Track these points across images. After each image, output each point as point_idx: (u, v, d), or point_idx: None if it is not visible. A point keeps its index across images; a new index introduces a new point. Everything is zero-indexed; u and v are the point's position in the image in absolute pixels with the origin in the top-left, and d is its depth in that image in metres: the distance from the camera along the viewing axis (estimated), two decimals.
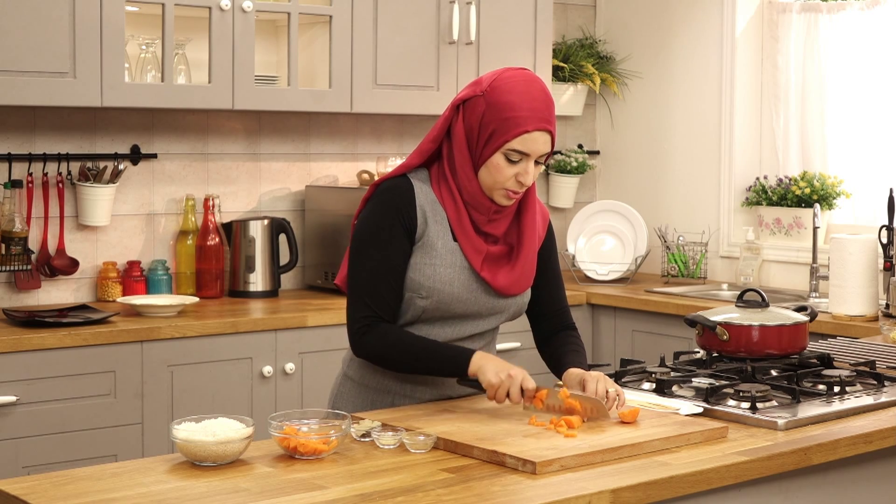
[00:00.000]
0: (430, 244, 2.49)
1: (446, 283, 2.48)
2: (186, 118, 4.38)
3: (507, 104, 2.41)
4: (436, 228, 2.49)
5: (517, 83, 2.44)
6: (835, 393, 2.65)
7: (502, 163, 2.43)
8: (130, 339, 3.67)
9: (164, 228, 4.36)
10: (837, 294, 3.97)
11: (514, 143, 2.41)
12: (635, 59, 5.33)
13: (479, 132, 2.44)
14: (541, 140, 2.43)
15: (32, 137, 4.08)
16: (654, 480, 2.06)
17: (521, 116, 2.41)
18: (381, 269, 2.46)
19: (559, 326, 2.71)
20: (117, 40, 3.83)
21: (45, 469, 3.35)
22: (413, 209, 2.47)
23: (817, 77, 4.82)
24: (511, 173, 2.44)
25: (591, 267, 4.97)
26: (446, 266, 2.49)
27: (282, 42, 4.41)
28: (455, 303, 2.50)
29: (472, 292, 2.51)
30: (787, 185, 4.79)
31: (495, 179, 2.45)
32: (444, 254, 2.49)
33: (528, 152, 2.43)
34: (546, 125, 2.43)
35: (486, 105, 2.43)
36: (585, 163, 5.29)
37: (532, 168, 2.45)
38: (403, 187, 2.49)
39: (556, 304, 2.70)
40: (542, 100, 2.44)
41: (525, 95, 2.42)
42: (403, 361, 2.48)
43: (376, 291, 2.46)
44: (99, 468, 2.09)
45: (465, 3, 4.55)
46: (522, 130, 2.40)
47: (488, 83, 2.45)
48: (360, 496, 1.93)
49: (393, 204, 2.47)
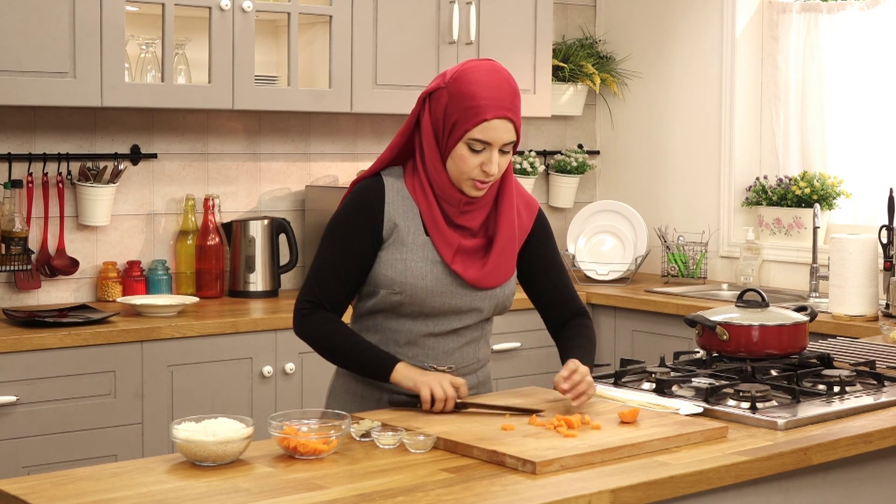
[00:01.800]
0: (400, 240, 2.51)
1: (418, 276, 2.50)
2: (186, 118, 4.38)
3: (468, 94, 2.43)
4: (406, 224, 2.51)
5: (479, 73, 2.46)
6: (835, 393, 2.65)
7: (466, 153, 2.44)
8: (130, 339, 3.67)
9: (164, 228, 4.36)
10: (837, 294, 3.97)
11: (474, 132, 2.43)
12: (635, 59, 5.33)
13: (444, 123, 2.46)
14: (501, 128, 2.43)
15: (32, 137, 4.08)
16: (654, 480, 2.06)
17: (481, 105, 2.42)
18: (335, 262, 2.52)
19: (568, 314, 2.71)
20: (117, 40, 3.83)
21: (45, 469, 3.35)
22: (381, 208, 2.51)
23: (817, 77, 4.82)
24: (475, 163, 2.45)
25: (591, 267, 4.97)
26: (417, 260, 2.50)
27: (282, 42, 4.41)
28: (429, 297, 2.51)
29: (446, 286, 2.52)
30: (787, 185, 4.79)
31: (461, 170, 2.46)
32: (414, 248, 2.51)
33: (489, 141, 2.43)
34: (506, 113, 2.43)
35: (449, 96, 2.45)
36: (585, 163, 5.29)
37: (496, 157, 2.45)
38: (374, 187, 2.53)
39: (561, 292, 2.70)
40: (504, 88, 2.45)
41: (486, 85, 2.44)
42: (333, 352, 2.54)
43: (324, 281, 2.52)
44: (99, 468, 2.09)
45: (465, 3, 4.55)
46: (482, 119, 2.42)
47: (451, 74, 2.48)
48: (360, 496, 1.93)
49: (360, 203, 2.52)
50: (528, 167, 5.09)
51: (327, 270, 2.53)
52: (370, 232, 2.51)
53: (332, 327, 2.53)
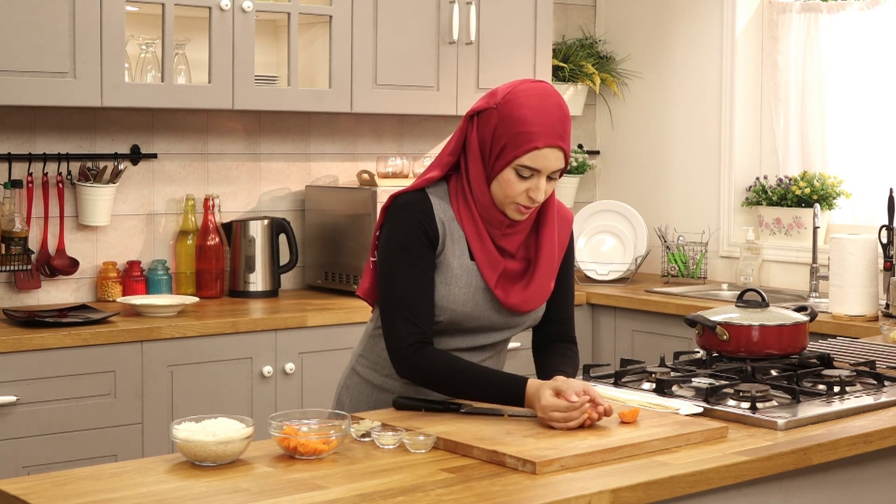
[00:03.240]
0: (446, 263, 2.47)
1: (460, 303, 2.48)
2: (186, 118, 4.38)
3: (520, 119, 2.37)
4: (452, 247, 2.48)
5: (531, 97, 2.40)
6: (835, 393, 2.65)
7: (513, 178, 2.40)
8: (130, 339, 3.67)
9: (164, 228, 4.36)
10: (837, 294, 3.97)
11: (524, 160, 2.38)
12: (635, 59, 5.33)
13: (492, 145, 2.41)
14: (552, 157, 2.39)
15: (32, 137, 4.08)
16: (654, 480, 2.06)
17: (533, 132, 2.36)
18: (418, 284, 2.44)
19: (559, 336, 2.68)
20: (117, 40, 3.84)
21: (45, 469, 3.35)
22: (434, 223, 2.46)
23: (817, 77, 4.82)
24: (522, 189, 2.41)
25: (591, 267, 4.97)
26: (461, 287, 2.47)
27: (282, 42, 4.41)
28: (468, 321, 2.50)
29: (485, 311, 2.50)
30: (787, 185, 4.79)
31: (506, 194, 2.42)
32: (460, 274, 2.47)
33: (538, 168, 2.39)
34: (558, 142, 2.39)
35: (499, 118, 2.39)
36: (585, 163, 5.29)
37: (543, 184, 2.42)
38: (421, 202, 2.46)
39: (562, 312, 2.66)
40: (556, 115, 2.39)
41: (538, 110, 2.38)
42: (453, 388, 2.43)
43: (417, 308, 2.43)
44: (99, 468, 2.09)
45: (465, 3, 4.54)
46: (533, 147, 2.37)
47: (502, 95, 2.42)
48: (360, 496, 1.93)
49: (415, 219, 2.45)
50: None
51: (418, 296, 2.43)
52: (431, 246, 2.46)
53: (445, 364, 2.42)
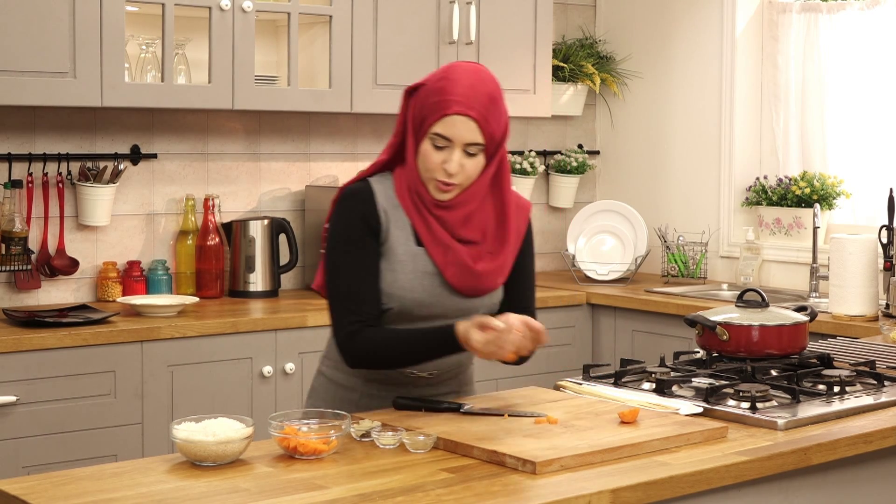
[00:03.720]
0: (391, 250, 2.45)
1: (407, 290, 2.45)
2: (186, 118, 4.38)
3: (441, 88, 2.38)
4: (397, 234, 2.46)
5: (460, 72, 2.41)
6: (835, 393, 2.65)
7: (429, 149, 2.39)
8: (130, 339, 3.67)
9: (164, 228, 4.36)
10: (837, 294, 3.97)
11: (437, 126, 2.37)
12: (635, 59, 5.33)
13: (415, 120, 2.42)
14: (462, 126, 2.37)
15: (32, 137, 4.08)
16: (654, 480, 2.06)
17: (448, 99, 2.36)
18: (359, 272, 2.44)
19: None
20: (117, 40, 3.84)
21: (45, 469, 3.35)
22: (375, 212, 2.45)
23: (817, 77, 4.82)
24: (438, 161, 2.39)
25: (591, 267, 4.97)
26: (407, 273, 2.45)
27: (282, 42, 4.41)
28: (418, 308, 2.47)
29: (435, 296, 2.48)
30: (787, 185, 4.79)
31: (425, 167, 2.41)
32: (405, 260, 2.45)
33: (450, 137, 2.37)
34: (470, 111, 2.36)
35: (427, 91, 2.41)
36: (585, 163, 5.29)
37: (457, 156, 2.38)
38: (364, 191, 2.46)
39: (521, 302, 2.59)
40: (478, 89, 2.38)
41: (460, 83, 2.38)
42: (396, 356, 2.45)
43: (358, 296, 2.43)
44: (99, 468, 2.09)
45: (465, 3, 4.55)
46: (443, 113, 2.36)
47: (437, 71, 2.45)
48: (360, 496, 1.93)
49: (356, 209, 2.45)
50: (528, 167, 5.09)
51: (358, 283, 2.44)
52: (373, 234, 2.45)
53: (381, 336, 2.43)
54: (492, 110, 2.40)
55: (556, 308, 4.58)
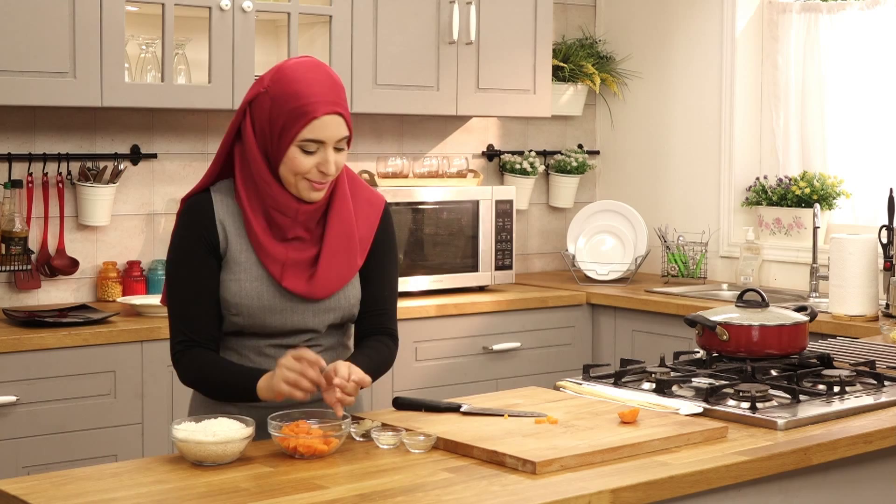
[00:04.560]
0: (233, 259, 2.39)
1: (254, 297, 2.39)
2: (186, 118, 4.38)
3: (292, 94, 2.32)
4: (238, 242, 2.40)
5: (298, 71, 2.36)
6: (835, 393, 2.65)
7: (299, 156, 2.33)
8: (130, 339, 3.67)
9: (164, 228, 4.36)
10: (837, 294, 3.97)
11: (305, 133, 2.31)
12: (635, 59, 5.33)
13: (270, 129, 2.34)
14: (333, 124, 2.33)
15: (32, 137, 4.08)
16: (654, 480, 2.06)
17: (309, 103, 2.31)
18: (192, 290, 2.38)
19: (375, 329, 2.52)
20: (117, 40, 3.84)
21: (45, 469, 3.35)
22: (213, 226, 2.38)
23: (817, 77, 4.82)
24: (311, 164, 2.33)
25: (591, 267, 4.97)
26: (252, 279, 2.39)
27: (282, 42, 4.41)
28: (268, 315, 2.40)
29: (284, 302, 2.40)
30: (787, 185, 4.79)
31: (296, 173, 2.34)
32: (248, 267, 2.39)
33: (322, 139, 2.33)
34: (335, 108, 2.33)
35: (271, 101, 2.34)
36: (585, 163, 5.29)
37: (332, 155, 2.34)
38: (202, 204, 2.40)
39: (377, 304, 2.51)
40: (327, 83, 2.35)
41: (308, 82, 2.34)
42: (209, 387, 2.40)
43: (189, 314, 2.38)
44: (99, 468, 2.09)
45: (465, 3, 4.54)
46: (311, 118, 2.31)
47: (270, 77, 2.37)
48: (360, 496, 1.93)
49: (193, 223, 2.39)
50: (527, 167, 5.09)
51: (189, 302, 2.37)
52: (210, 250, 2.38)
53: (199, 364, 2.37)
54: (345, 99, 2.38)
55: (556, 308, 4.58)
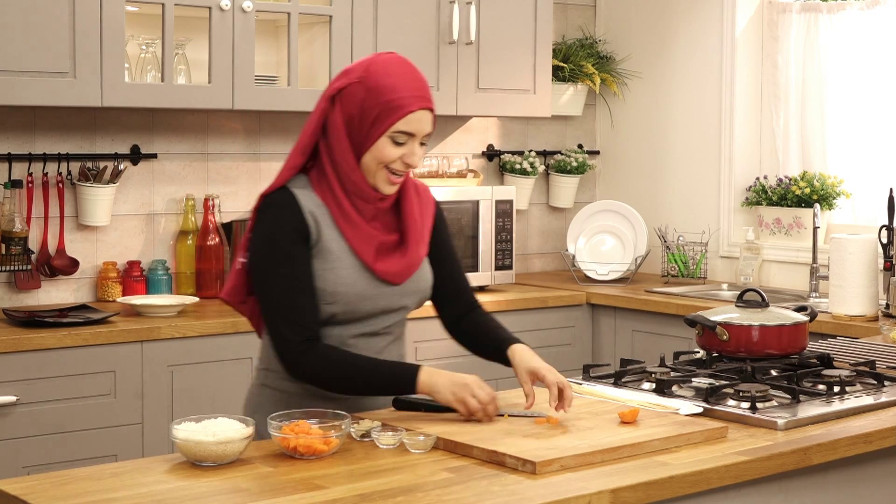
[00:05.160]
0: (325, 249, 2.44)
1: (349, 284, 2.44)
2: (186, 118, 4.38)
3: (388, 86, 2.42)
4: (328, 232, 2.45)
5: (393, 65, 2.46)
6: (835, 393, 2.65)
7: (389, 146, 2.43)
8: (130, 339, 3.67)
9: (164, 228, 4.36)
10: (837, 294, 3.97)
11: (399, 125, 2.42)
12: (635, 59, 5.33)
13: (362, 119, 2.43)
14: (425, 119, 2.45)
15: (32, 137, 4.08)
16: (654, 480, 2.06)
17: (405, 97, 2.42)
18: (294, 283, 2.41)
19: (466, 307, 2.66)
20: (117, 40, 3.84)
21: (45, 469, 3.35)
22: (302, 216, 2.44)
23: (817, 77, 4.82)
24: (397, 155, 2.43)
25: (591, 267, 4.97)
26: (346, 268, 2.45)
27: (282, 42, 4.41)
28: (361, 302, 2.47)
29: (375, 288, 2.48)
30: (787, 185, 4.79)
31: (380, 162, 2.43)
32: (341, 256, 2.45)
33: (413, 132, 2.43)
34: (427, 104, 2.45)
35: (366, 91, 2.43)
36: (585, 163, 5.29)
37: (417, 149, 2.45)
38: (286, 198, 2.45)
39: (457, 282, 2.65)
40: (420, 80, 2.46)
41: (403, 77, 2.44)
42: (347, 382, 2.43)
43: (297, 307, 2.41)
44: (99, 468, 2.09)
45: (465, 3, 4.55)
46: (408, 111, 2.41)
47: (362, 70, 2.46)
48: (360, 496, 1.93)
49: (282, 216, 2.43)
50: (528, 167, 5.09)
51: (297, 295, 2.41)
52: (303, 241, 2.43)
53: (335, 358, 2.42)
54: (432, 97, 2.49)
55: (556, 308, 4.58)
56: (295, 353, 2.41)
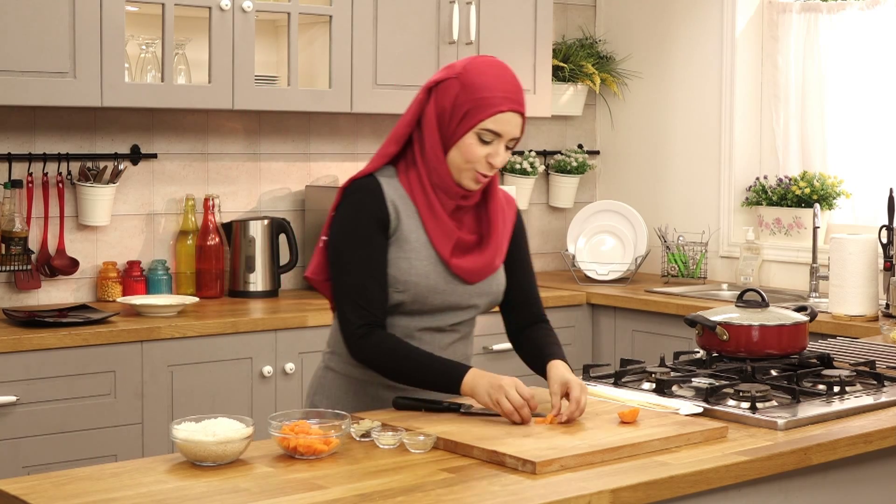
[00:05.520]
0: (403, 238, 2.50)
1: (422, 276, 2.49)
2: (186, 118, 4.38)
3: (482, 85, 2.46)
4: (408, 223, 2.50)
5: (491, 67, 2.50)
6: (835, 393, 2.65)
7: (474, 143, 2.46)
8: (130, 339, 3.67)
9: (164, 228, 4.36)
10: (837, 294, 3.97)
11: (487, 123, 2.45)
12: (635, 59, 5.33)
13: (452, 113, 2.47)
14: (514, 121, 2.47)
15: (32, 137, 4.08)
16: (654, 480, 2.06)
17: (496, 97, 2.45)
18: (366, 267, 2.47)
19: (532, 318, 2.70)
20: (117, 40, 3.84)
21: (45, 469, 3.35)
22: (384, 204, 2.49)
23: (817, 77, 4.82)
24: (482, 154, 2.47)
25: (591, 267, 4.97)
26: (421, 259, 2.49)
27: (282, 42, 4.41)
28: (432, 295, 2.51)
29: (448, 283, 2.52)
30: (787, 185, 4.79)
31: (466, 160, 2.47)
32: (418, 247, 2.50)
33: (500, 132, 2.46)
34: (519, 107, 2.48)
35: (461, 86, 2.47)
36: (585, 163, 5.29)
37: (503, 151, 2.48)
38: (372, 184, 2.51)
39: (527, 293, 2.69)
40: (515, 83, 2.50)
41: (499, 78, 2.47)
42: (397, 371, 2.47)
43: (367, 292, 2.46)
44: (99, 468, 2.09)
45: (465, 3, 4.55)
46: (497, 110, 2.45)
47: (462, 66, 2.50)
48: (360, 496, 1.93)
49: (365, 202, 2.49)
50: (528, 167, 5.09)
51: (366, 279, 2.46)
52: (381, 228, 2.49)
53: (389, 347, 2.46)
54: (525, 104, 2.52)
55: (556, 308, 4.58)
56: (356, 336, 2.47)
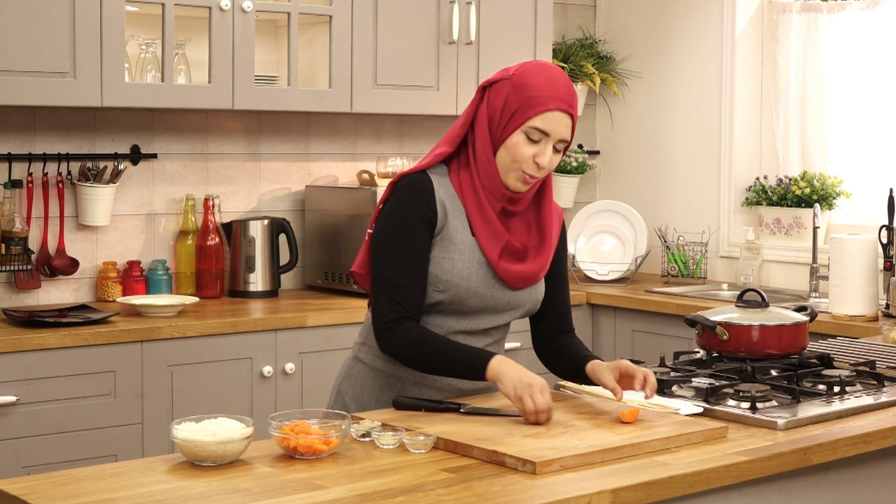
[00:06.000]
0: (449, 238, 2.50)
1: (464, 277, 2.50)
2: (186, 118, 4.38)
3: (532, 84, 2.46)
4: (455, 223, 2.51)
5: (543, 68, 2.50)
6: (835, 393, 2.65)
7: (522, 141, 2.46)
8: (130, 339, 3.67)
9: (164, 228, 4.36)
10: (837, 294, 3.97)
11: (535, 121, 2.45)
12: (635, 59, 5.33)
13: (502, 112, 2.47)
14: (562, 121, 2.46)
15: (32, 137, 4.08)
16: (654, 480, 2.06)
17: (545, 95, 2.45)
18: (406, 262, 2.48)
19: (561, 329, 2.72)
20: (117, 40, 3.84)
21: (45, 469, 3.35)
22: (433, 202, 2.49)
23: (817, 77, 4.82)
24: (529, 153, 2.46)
25: (591, 267, 4.97)
26: (465, 261, 2.50)
27: (282, 42, 4.41)
28: (471, 297, 2.52)
29: (488, 287, 2.53)
30: (787, 185, 4.79)
31: (513, 159, 2.47)
32: (462, 248, 2.51)
33: (548, 131, 2.46)
34: (568, 108, 2.47)
35: (512, 87, 2.47)
36: (585, 163, 5.29)
37: (550, 151, 2.47)
38: (423, 181, 2.51)
39: (561, 305, 2.71)
40: (568, 86, 2.49)
41: (549, 79, 2.47)
42: (422, 360, 2.48)
43: (402, 285, 2.47)
44: (99, 468, 2.09)
45: (465, 3, 4.54)
46: (545, 108, 2.44)
47: (516, 68, 2.51)
48: (360, 496, 1.93)
49: (413, 198, 2.49)
50: None
51: (403, 273, 2.47)
52: (427, 225, 2.49)
53: (415, 336, 2.47)
54: (577, 107, 2.52)
55: None
56: (385, 329, 2.47)
